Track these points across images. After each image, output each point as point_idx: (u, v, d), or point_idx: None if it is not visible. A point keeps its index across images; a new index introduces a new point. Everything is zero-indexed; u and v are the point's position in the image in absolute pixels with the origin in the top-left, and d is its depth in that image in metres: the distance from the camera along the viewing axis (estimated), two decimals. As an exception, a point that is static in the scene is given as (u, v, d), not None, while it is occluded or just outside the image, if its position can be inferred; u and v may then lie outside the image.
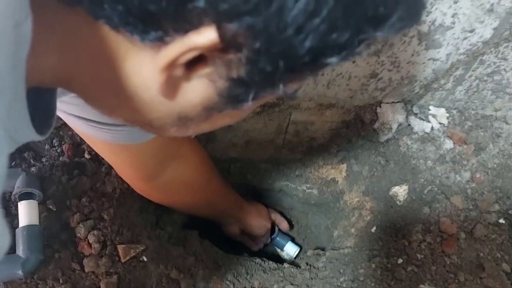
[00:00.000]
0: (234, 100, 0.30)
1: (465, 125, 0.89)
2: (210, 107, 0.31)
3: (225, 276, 0.80)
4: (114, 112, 0.35)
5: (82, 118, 0.55)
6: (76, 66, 0.30)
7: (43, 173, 0.78)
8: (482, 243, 0.81)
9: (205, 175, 0.84)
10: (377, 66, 0.76)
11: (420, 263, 0.79)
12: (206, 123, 0.35)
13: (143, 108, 0.32)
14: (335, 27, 0.24)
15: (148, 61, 0.27)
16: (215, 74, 0.27)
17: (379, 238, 0.84)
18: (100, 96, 0.33)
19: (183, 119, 0.33)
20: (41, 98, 0.34)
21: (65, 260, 0.70)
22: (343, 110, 0.89)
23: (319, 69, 0.28)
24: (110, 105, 0.34)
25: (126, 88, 0.30)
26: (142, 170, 0.71)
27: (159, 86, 0.28)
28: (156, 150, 0.68)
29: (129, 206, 0.80)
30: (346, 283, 0.78)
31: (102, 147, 0.66)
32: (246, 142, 1.00)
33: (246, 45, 0.24)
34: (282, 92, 0.28)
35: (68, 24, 0.28)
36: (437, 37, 0.71)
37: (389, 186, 0.89)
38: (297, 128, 0.95)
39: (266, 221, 1.07)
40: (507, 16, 0.68)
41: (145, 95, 0.30)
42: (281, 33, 0.23)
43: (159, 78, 0.27)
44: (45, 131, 0.34)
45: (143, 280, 0.73)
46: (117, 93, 0.30)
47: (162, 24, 0.24)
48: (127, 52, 0.28)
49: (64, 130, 0.84)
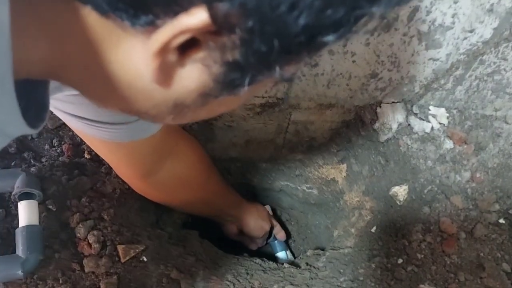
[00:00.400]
0: (230, 85, 0.29)
1: (465, 125, 0.89)
2: (206, 93, 0.30)
3: (225, 276, 0.80)
4: (109, 102, 0.34)
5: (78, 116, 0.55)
6: (66, 56, 0.29)
7: (43, 173, 0.78)
8: (482, 243, 0.81)
9: (204, 173, 0.84)
10: (377, 66, 0.76)
11: (420, 263, 0.79)
12: (203, 110, 0.34)
13: (138, 97, 0.31)
14: (329, 3, 0.23)
15: (140, 47, 0.27)
16: (210, 59, 0.26)
17: (379, 238, 0.84)
18: (93, 87, 0.32)
19: (179, 106, 0.32)
20: (34, 92, 0.34)
21: (65, 260, 0.70)
22: (343, 110, 0.89)
23: (316, 49, 0.27)
24: (104, 95, 0.33)
25: (119, 76, 0.29)
26: (139, 167, 0.71)
27: (152, 73, 0.27)
28: (152, 147, 0.67)
29: (129, 206, 0.80)
30: (346, 283, 0.78)
31: (99, 146, 0.66)
32: (246, 141, 1.00)
33: (238, 25, 0.23)
34: (279, 75, 0.28)
35: (54, 12, 0.27)
36: (437, 37, 0.71)
37: (389, 186, 0.89)
38: (297, 128, 0.95)
39: (264, 223, 1.06)
40: (507, 16, 0.68)
41: (139, 83, 0.29)
42: (274, 11, 0.22)
43: (152, 64, 0.26)
44: (38, 125, 0.33)
45: (143, 280, 0.73)
46: (110, 82, 0.30)
47: (152, 7, 0.24)
48: (118, 39, 0.27)
49: (64, 130, 0.84)
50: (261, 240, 1.11)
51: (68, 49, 0.29)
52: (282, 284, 0.80)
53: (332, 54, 0.72)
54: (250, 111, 0.87)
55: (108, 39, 0.27)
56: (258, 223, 1.04)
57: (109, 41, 0.27)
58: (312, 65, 0.74)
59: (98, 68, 0.29)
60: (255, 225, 1.04)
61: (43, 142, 0.83)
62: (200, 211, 0.95)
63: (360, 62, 0.74)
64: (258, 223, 1.04)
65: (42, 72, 0.31)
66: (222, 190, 0.92)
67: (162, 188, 0.77)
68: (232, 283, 0.79)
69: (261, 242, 1.13)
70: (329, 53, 0.71)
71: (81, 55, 0.29)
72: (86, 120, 0.55)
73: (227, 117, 0.89)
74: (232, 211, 0.99)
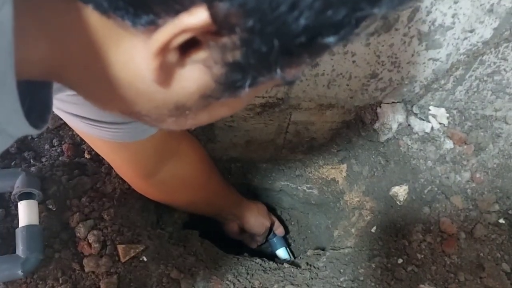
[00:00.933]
0: (231, 86, 0.29)
1: (465, 125, 0.89)
2: (207, 95, 0.30)
3: (225, 276, 0.80)
4: (109, 104, 0.34)
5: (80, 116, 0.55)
6: (66, 56, 0.29)
7: (43, 173, 0.78)
8: (482, 243, 0.81)
9: (205, 174, 0.84)
10: (377, 66, 0.76)
11: (420, 263, 0.79)
12: (204, 114, 0.34)
13: (138, 98, 0.31)
14: (329, 4, 0.23)
15: (141, 46, 0.26)
16: (210, 59, 0.26)
17: (379, 238, 0.84)
18: (93, 87, 0.32)
19: (180, 108, 0.32)
20: (37, 93, 0.34)
21: (65, 260, 0.70)
22: (343, 110, 0.89)
23: (317, 51, 0.27)
24: (104, 96, 0.33)
25: (119, 76, 0.29)
26: (141, 167, 0.71)
27: (153, 73, 0.27)
28: (154, 147, 0.68)
29: (129, 206, 0.80)
30: (346, 283, 0.79)
31: (101, 146, 0.66)
32: (246, 142, 1.00)
33: (239, 25, 0.23)
34: (280, 77, 0.27)
35: (55, 12, 0.27)
36: (437, 37, 0.71)
37: (389, 186, 0.89)
38: (298, 128, 0.95)
39: (265, 219, 1.07)
40: (507, 16, 0.68)
41: (140, 83, 0.29)
42: (274, 11, 0.22)
43: (153, 63, 0.26)
44: (41, 126, 0.33)
45: (143, 280, 0.73)
46: (110, 82, 0.29)
47: (153, 6, 0.24)
48: (119, 39, 0.27)
49: (64, 130, 0.84)
50: (262, 237, 1.12)
51: (68, 49, 0.29)
52: (282, 284, 0.80)
53: (332, 54, 0.72)
54: (251, 112, 0.87)
55: (109, 39, 0.27)
56: (259, 220, 1.05)
57: (110, 41, 0.27)
58: (312, 66, 0.74)
59: (99, 68, 0.29)
60: (255, 222, 1.04)
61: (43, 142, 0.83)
62: (201, 210, 0.95)
63: (360, 63, 0.74)
64: (259, 219, 1.05)
65: (43, 72, 0.31)
66: (223, 189, 0.92)
67: (163, 188, 0.78)
68: (232, 283, 0.79)
69: (261, 240, 1.13)
70: (330, 53, 0.71)
71: (82, 55, 0.29)
72: (88, 120, 0.55)
73: (227, 118, 0.89)
74: (233, 209, 1.00)
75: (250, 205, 1.04)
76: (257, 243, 1.15)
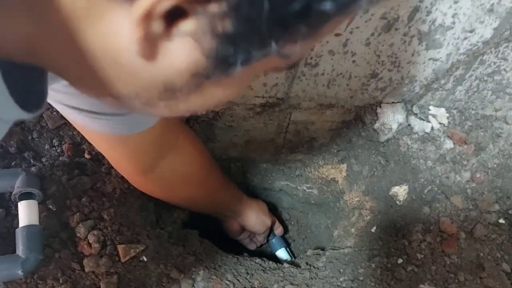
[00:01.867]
0: (223, 62, 0.27)
1: (465, 125, 0.89)
2: (198, 73, 0.28)
3: (225, 275, 0.80)
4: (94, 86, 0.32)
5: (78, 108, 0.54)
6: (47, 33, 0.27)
7: (43, 173, 0.78)
8: (482, 243, 0.81)
9: (204, 168, 0.83)
10: (377, 66, 0.76)
11: (420, 263, 0.79)
12: (196, 97, 0.32)
13: (123, 77, 0.29)
14: None
15: (124, 15, 0.25)
16: (199, 31, 0.25)
17: (379, 238, 0.84)
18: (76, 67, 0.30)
19: (170, 89, 0.30)
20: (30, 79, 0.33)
21: (65, 260, 0.70)
22: (343, 110, 0.89)
23: (315, 22, 0.26)
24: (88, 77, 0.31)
25: (102, 49, 0.27)
26: (140, 162, 0.71)
27: (137, 44, 0.25)
28: (153, 141, 0.67)
29: (129, 206, 0.80)
30: (346, 282, 0.79)
31: (100, 141, 0.66)
32: (246, 141, 1.00)
33: None
34: (275, 51, 0.26)
35: None
36: (438, 37, 0.71)
37: (389, 186, 0.89)
38: (297, 127, 0.95)
39: (266, 218, 1.05)
40: (507, 16, 0.68)
41: (124, 58, 0.28)
42: None
43: (136, 33, 0.25)
44: (34, 111, 0.32)
45: (143, 280, 0.73)
46: (94, 59, 0.28)
47: None
48: (101, 10, 0.25)
49: (64, 130, 0.84)
50: (262, 237, 1.10)
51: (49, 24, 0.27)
52: (282, 284, 0.80)
53: (332, 54, 0.72)
54: (251, 111, 0.87)
55: (91, 10, 0.26)
56: (260, 218, 1.03)
57: (92, 13, 0.26)
58: (312, 65, 0.74)
59: (81, 43, 0.27)
60: (257, 220, 1.02)
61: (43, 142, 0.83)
62: (201, 207, 0.94)
63: (360, 62, 0.74)
64: (260, 217, 1.03)
65: (23, 53, 0.29)
66: (222, 185, 0.91)
67: (163, 183, 0.77)
68: (232, 282, 0.79)
69: (262, 240, 1.12)
70: (329, 53, 0.71)
71: (62, 29, 0.27)
72: (86, 112, 0.55)
73: (227, 117, 0.89)
74: (233, 206, 0.98)
75: (251, 203, 1.02)
76: (257, 244, 1.14)
